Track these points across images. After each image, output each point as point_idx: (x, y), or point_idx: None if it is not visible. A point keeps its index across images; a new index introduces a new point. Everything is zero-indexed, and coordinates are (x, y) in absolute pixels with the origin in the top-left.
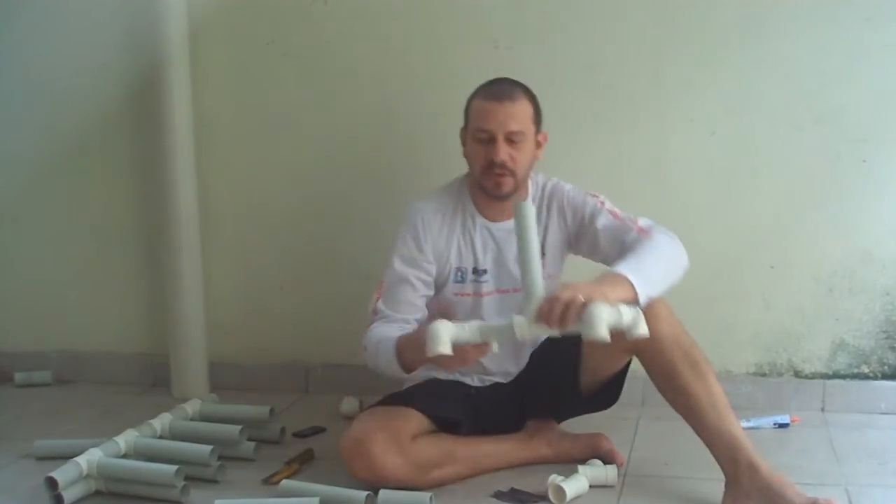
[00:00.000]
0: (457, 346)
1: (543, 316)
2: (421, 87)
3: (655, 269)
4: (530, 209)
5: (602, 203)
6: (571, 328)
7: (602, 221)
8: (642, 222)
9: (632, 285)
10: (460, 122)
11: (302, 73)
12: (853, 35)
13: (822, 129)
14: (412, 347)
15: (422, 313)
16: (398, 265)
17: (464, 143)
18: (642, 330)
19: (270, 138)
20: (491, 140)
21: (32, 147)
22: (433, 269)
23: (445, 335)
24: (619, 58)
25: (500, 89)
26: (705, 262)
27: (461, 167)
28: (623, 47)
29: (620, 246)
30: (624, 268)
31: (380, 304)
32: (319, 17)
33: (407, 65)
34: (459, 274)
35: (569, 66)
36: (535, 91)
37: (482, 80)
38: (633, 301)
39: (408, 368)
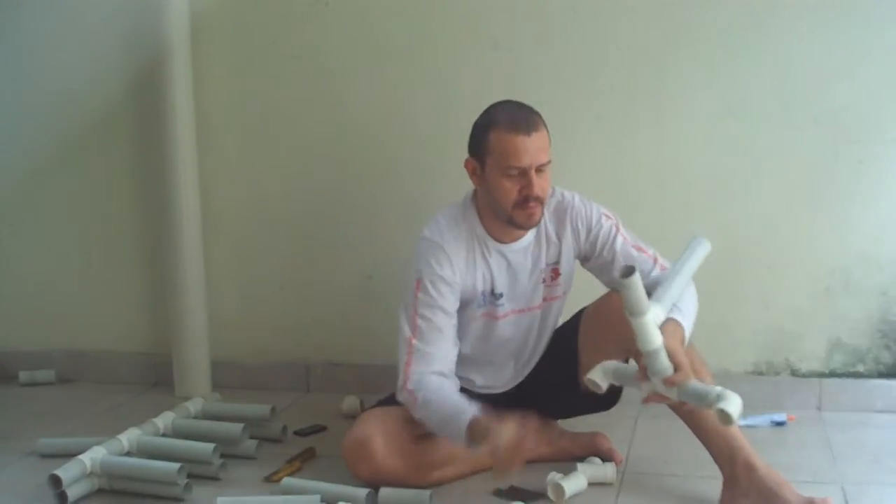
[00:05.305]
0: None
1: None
2: (421, 87)
3: (693, 313)
4: (706, 249)
5: (617, 227)
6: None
7: (619, 245)
8: (659, 257)
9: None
10: (461, 121)
11: (303, 74)
12: (852, 36)
13: (820, 129)
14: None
15: (457, 345)
16: (426, 312)
17: (475, 174)
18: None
19: (271, 138)
20: (523, 174)
21: (33, 146)
22: (458, 298)
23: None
24: (619, 58)
25: (525, 120)
26: (703, 262)
27: (460, 166)
28: (623, 47)
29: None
30: (681, 319)
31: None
32: (320, 18)
33: (407, 65)
34: (483, 297)
35: (568, 66)
36: (535, 92)
37: (482, 81)
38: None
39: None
